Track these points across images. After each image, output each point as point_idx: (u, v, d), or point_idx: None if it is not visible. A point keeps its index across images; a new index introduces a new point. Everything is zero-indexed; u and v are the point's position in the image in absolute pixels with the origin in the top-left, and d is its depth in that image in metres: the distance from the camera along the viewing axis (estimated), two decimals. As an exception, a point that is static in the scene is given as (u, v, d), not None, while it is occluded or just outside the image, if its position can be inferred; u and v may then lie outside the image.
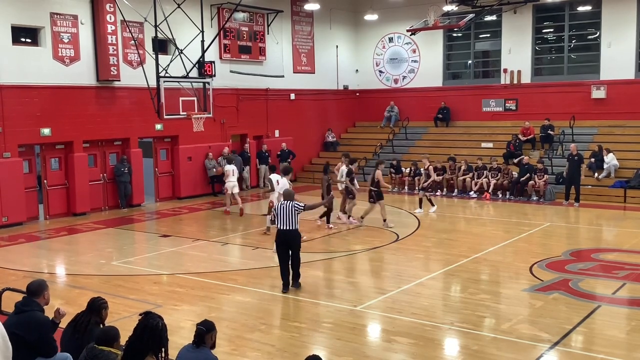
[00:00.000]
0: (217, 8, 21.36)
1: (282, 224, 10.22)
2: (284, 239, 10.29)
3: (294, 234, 10.29)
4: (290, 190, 10.97)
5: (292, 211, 10.17)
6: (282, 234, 10.28)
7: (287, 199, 10.50)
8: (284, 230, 10.22)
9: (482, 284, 10.99)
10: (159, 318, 4.70)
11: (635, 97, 21.62)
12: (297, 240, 10.37)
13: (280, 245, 10.37)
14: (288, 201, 10.36)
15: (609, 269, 11.57)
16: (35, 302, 6.00)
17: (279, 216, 10.24)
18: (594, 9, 22.68)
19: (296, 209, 10.21)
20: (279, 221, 10.24)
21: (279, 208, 10.32)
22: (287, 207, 10.22)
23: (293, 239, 10.31)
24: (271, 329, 8.77)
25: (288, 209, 10.20)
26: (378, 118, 26.87)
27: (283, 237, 10.28)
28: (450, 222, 16.96)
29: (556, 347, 7.89)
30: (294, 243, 10.34)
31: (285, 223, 10.20)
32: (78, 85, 17.88)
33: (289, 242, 10.29)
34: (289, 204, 10.27)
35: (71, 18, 17.65)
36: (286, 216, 10.18)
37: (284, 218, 10.20)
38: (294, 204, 10.24)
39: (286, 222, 10.19)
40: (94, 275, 11.74)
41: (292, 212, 10.17)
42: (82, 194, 18.03)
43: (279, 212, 10.27)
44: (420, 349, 7.89)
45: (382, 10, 25.83)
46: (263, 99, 23.59)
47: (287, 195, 10.67)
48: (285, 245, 10.31)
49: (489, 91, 24.85)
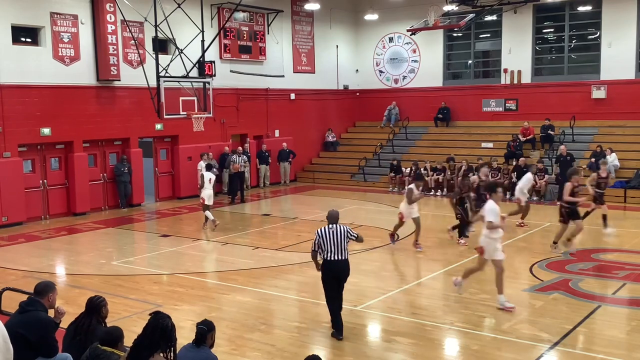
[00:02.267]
0: (217, 8, 21.35)
1: (331, 253, 8.31)
2: (335, 272, 8.42)
3: (346, 264, 8.51)
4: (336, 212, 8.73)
5: (344, 237, 8.38)
6: (332, 265, 8.36)
7: (333, 221, 8.51)
8: (335, 261, 8.32)
9: (482, 284, 10.98)
10: (168, 318, 4.74)
11: (635, 97, 21.62)
12: (348, 272, 8.64)
13: (331, 280, 8.47)
14: (337, 225, 8.47)
15: (609, 269, 11.58)
16: (40, 303, 6.01)
17: (326, 242, 8.31)
18: (594, 8, 22.68)
19: (351, 235, 8.47)
20: (326, 249, 8.32)
21: (325, 232, 8.37)
22: (338, 233, 8.37)
23: (346, 270, 8.56)
24: (271, 329, 8.77)
25: (339, 235, 8.36)
26: (378, 118, 26.87)
27: (335, 269, 8.40)
28: (450, 222, 16.93)
29: (556, 347, 7.90)
30: (346, 276, 8.60)
31: (336, 251, 8.32)
32: (78, 85, 17.88)
33: (341, 275, 8.51)
34: (340, 228, 8.43)
35: (71, 18, 17.65)
36: (336, 243, 8.33)
37: (333, 245, 8.31)
38: (348, 230, 8.48)
39: (337, 250, 8.32)
40: (94, 275, 11.74)
41: (344, 239, 8.37)
42: (82, 193, 18.03)
43: (325, 237, 8.34)
44: (420, 349, 7.89)
45: (382, 10, 25.84)
46: (263, 99, 23.59)
47: (333, 218, 8.57)
48: (337, 279, 8.50)
49: (489, 91, 24.85)
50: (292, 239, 14.49)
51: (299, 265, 12.13)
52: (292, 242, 14.13)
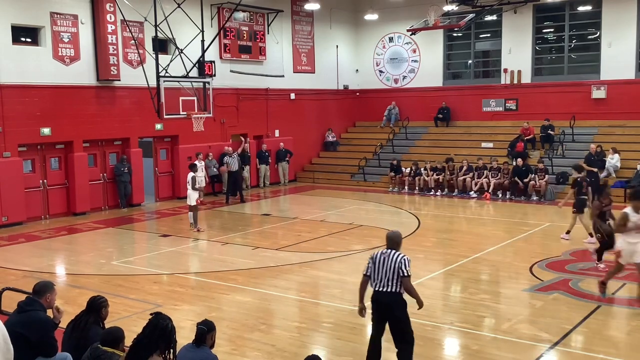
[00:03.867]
0: (217, 8, 21.35)
1: (376, 282, 6.91)
2: (376, 305, 6.96)
3: (394, 298, 6.85)
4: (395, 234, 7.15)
5: (395, 268, 6.81)
6: (375, 296, 6.96)
7: (391, 246, 7.03)
8: (378, 292, 6.91)
9: (482, 284, 10.98)
10: (168, 319, 4.75)
11: (635, 97, 21.61)
12: (398, 310, 6.88)
13: (374, 313, 7.05)
14: (393, 251, 6.97)
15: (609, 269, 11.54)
16: (38, 302, 6.02)
17: (376, 269, 6.93)
18: (594, 8, 22.69)
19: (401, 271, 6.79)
20: (374, 277, 6.95)
21: (378, 257, 6.97)
22: (389, 260, 6.87)
23: (389, 305, 6.88)
24: (271, 329, 8.76)
25: (391, 263, 6.85)
26: (378, 118, 26.87)
27: (376, 300, 6.95)
28: (450, 222, 16.97)
29: (556, 347, 7.89)
30: (389, 313, 6.90)
31: (381, 281, 6.88)
32: (78, 85, 17.87)
33: (382, 310, 6.94)
34: (394, 256, 6.89)
35: (71, 18, 17.64)
36: (385, 272, 6.87)
37: (380, 273, 6.89)
38: (402, 262, 6.82)
39: (384, 280, 6.87)
40: (94, 275, 11.74)
41: (394, 270, 6.81)
42: (82, 193, 18.03)
43: (377, 262, 6.94)
44: (420, 349, 7.88)
45: (382, 10, 25.84)
46: (263, 99, 23.59)
47: (390, 241, 7.06)
48: (380, 314, 6.98)
49: (489, 91, 24.85)
50: (292, 239, 14.49)
51: (299, 265, 12.14)
52: (292, 242, 14.14)
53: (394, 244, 7.03)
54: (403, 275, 6.77)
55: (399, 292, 6.83)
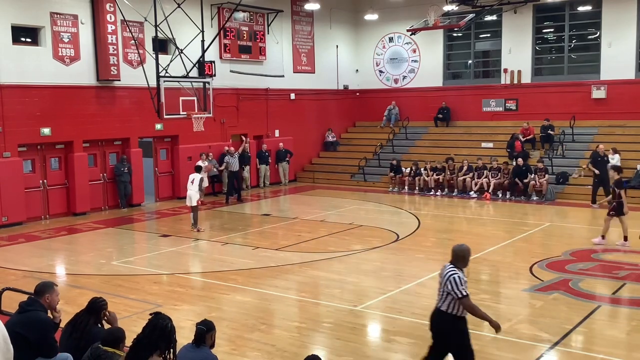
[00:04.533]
0: (217, 8, 21.35)
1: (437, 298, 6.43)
2: (430, 326, 6.54)
3: (443, 318, 6.29)
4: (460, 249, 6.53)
5: (443, 283, 6.27)
6: (431, 315, 6.54)
7: (453, 261, 6.46)
8: (434, 310, 6.46)
9: (482, 284, 10.98)
10: (168, 319, 4.76)
11: (635, 97, 21.61)
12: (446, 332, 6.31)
13: (431, 330, 6.55)
14: (450, 266, 6.43)
15: (609, 269, 11.57)
16: (39, 302, 6.01)
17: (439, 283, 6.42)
18: (594, 8, 22.68)
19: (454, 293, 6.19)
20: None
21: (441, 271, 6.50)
22: (442, 275, 6.39)
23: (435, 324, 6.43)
24: (271, 329, 8.76)
25: (442, 278, 6.35)
26: (378, 118, 26.86)
27: (430, 321, 6.53)
28: (450, 222, 16.97)
29: (556, 347, 7.90)
30: (435, 331, 6.43)
31: (437, 297, 6.41)
32: (78, 85, 17.87)
33: (431, 328, 6.50)
34: (447, 271, 6.35)
35: (71, 18, 17.64)
36: (439, 286, 6.40)
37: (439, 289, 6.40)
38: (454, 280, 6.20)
39: (438, 295, 6.41)
40: (94, 275, 11.74)
41: (443, 285, 6.27)
42: (82, 193, 18.03)
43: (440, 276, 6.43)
44: (420, 349, 7.87)
45: (382, 10, 25.84)
46: (263, 99, 23.59)
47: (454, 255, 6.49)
48: (433, 338, 6.51)
49: (489, 91, 24.85)
50: (292, 239, 14.49)
51: (299, 265, 12.14)
52: (292, 242, 14.13)
53: (455, 258, 6.41)
54: (457, 297, 6.14)
55: (449, 312, 6.19)
